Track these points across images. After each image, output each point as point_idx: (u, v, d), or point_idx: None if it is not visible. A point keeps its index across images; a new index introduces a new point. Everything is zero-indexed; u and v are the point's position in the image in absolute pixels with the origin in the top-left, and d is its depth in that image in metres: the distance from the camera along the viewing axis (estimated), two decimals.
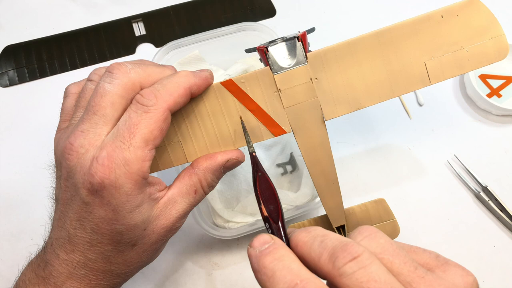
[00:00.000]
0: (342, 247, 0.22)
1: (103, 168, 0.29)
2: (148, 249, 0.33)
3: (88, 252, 0.31)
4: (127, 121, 0.30)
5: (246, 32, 0.50)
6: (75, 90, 0.36)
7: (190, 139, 0.35)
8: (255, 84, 0.35)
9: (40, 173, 0.43)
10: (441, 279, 0.22)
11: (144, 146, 0.30)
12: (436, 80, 0.36)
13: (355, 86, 0.35)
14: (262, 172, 0.30)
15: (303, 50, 0.35)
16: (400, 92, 0.36)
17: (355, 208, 0.39)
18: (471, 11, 0.35)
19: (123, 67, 0.31)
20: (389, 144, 0.52)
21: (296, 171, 0.49)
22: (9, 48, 0.56)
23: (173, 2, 0.60)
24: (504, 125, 0.53)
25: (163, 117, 0.30)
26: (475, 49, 0.35)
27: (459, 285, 0.22)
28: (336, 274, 0.21)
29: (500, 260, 0.46)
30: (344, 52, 0.35)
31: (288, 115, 0.35)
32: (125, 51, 0.57)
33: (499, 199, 0.47)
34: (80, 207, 0.30)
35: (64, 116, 0.35)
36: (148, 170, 0.30)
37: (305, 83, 0.35)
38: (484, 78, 0.54)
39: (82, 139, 0.30)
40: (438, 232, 0.47)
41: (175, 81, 0.32)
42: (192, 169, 0.34)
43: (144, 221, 0.31)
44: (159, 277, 0.45)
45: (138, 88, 0.31)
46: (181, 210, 0.33)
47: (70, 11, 0.59)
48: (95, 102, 0.30)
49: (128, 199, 0.30)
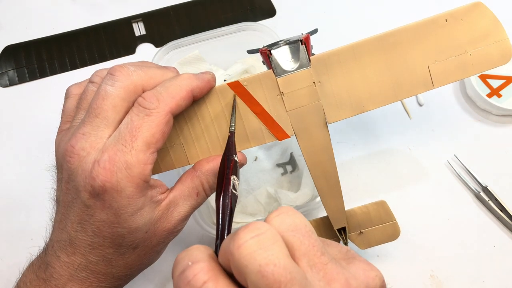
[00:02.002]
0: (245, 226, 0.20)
1: (104, 172, 0.29)
2: (150, 252, 0.33)
3: (89, 255, 0.31)
4: (128, 124, 0.30)
5: (246, 32, 0.50)
6: (76, 92, 0.36)
7: (192, 141, 0.35)
8: (257, 87, 0.35)
9: (40, 173, 0.43)
10: (343, 269, 0.22)
11: (146, 149, 0.29)
12: (439, 84, 0.36)
13: (358, 89, 0.35)
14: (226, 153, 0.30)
15: (306, 54, 0.35)
16: (403, 96, 0.36)
17: (356, 209, 0.39)
18: (475, 15, 0.35)
19: (125, 70, 0.31)
20: (389, 144, 0.52)
21: (296, 171, 0.49)
22: (9, 48, 0.56)
23: (173, 2, 0.60)
24: (504, 125, 0.53)
25: (165, 120, 0.30)
26: (479, 53, 0.35)
27: (359, 278, 0.22)
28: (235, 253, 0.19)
29: (500, 260, 0.46)
30: (348, 55, 0.35)
31: (290, 118, 0.35)
32: (125, 51, 0.57)
33: (499, 199, 0.47)
34: (82, 210, 0.30)
35: (65, 117, 0.35)
36: (149, 173, 0.30)
37: (308, 86, 0.35)
38: (484, 78, 0.54)
39: (84, 142, 0.30)
40: (438, 232, 0.47)
41: (177, 83, 0.31)
42: (194, 172, 0.34)
43: (146, 224, 0.31)
44: (159, 277, 0.45)
45: (140, 91, 0.31)
46: (183, 213, 0.33)
47: (70, 11, 0.59)
48: (96, 104, 0.30)
49: (130, 203, 0.30)
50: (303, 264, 0.21)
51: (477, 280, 0.45)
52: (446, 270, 0.45)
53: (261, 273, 0.19)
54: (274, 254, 0.19)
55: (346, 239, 0.39)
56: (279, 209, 0.22)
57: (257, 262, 0.19)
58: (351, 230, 0.39)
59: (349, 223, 0.39)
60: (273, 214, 0.22)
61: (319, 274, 0.21)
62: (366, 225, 0.39)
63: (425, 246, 0.46)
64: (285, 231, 0.21)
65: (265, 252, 0.19)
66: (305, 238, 0.21)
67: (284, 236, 0.21)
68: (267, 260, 0.19)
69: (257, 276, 0.19)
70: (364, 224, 0.39)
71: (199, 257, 0.21)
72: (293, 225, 0.21)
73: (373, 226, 0.39)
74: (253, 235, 0.20)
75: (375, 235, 0.40)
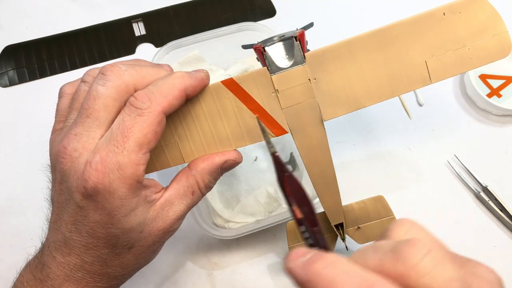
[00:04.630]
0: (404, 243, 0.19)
1: (96, 173, 0.28)
2: (145, 251, 0.33)
3: (85, 255, 0.31)
4: (120, 124, 0.29)
5: (246, 32, 0.50)
6: (69, 91, 0.36)
7: (187, 139, 0.35)
8: (252, 85, 0.34)
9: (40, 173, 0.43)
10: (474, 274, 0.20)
11: (138, 150, 0.29)
12: (437, 79, 0.35)
13: (354, 86, 0.35)
14: (289, 172, 0.28)
15: (301, 50, 0.34)
16: (400, 92, 0.35)
17: (353, 205, 0.39)
18: (474, 8, 0.34)
19: (116, 69, 0.30)
20: (389, 144, 0.52)
21: (296, 171, 0.49)
22: (9, 48, 0.56)
23: (173, 2, 0.60)
24: (504, 125, 0.53)
25: (157, 120, 0.30)
26: (477, 47, 0.35)
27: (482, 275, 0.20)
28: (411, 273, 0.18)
29: (500, 260, 0.46)
30: (343, 51, 0.34)
31: (286, 116, 0.35)
32: (125, 51, 0.57)
33: (499, 199, 0.47)
34: (75, 211, 0.30)
35: (59, 117, 0.35)
36: (142, 173, 0.30)
37: (303, 83, 0.34)
38: (484, 78, 0.54)
39: (76, 143, 0.29)
40: (438, 232, 0.46)
41: (169, 82, 0.31)
42: (189, 170, 0.34)
43: (140, 224, 0.31)
44: (159, 277, 0.45)
45: (132, 90, 0.31)
46: (178, 212, 0.33)
47: (70, 11, 0.59)
48: (88, 105, 0.30)
49: (123, 203, 0.29)
50: None
51: None
52: None
53: None
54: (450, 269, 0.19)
55: (344, 235, 0.39)
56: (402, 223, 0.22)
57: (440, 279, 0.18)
58: (349, 225, 0.39)
59: (347, 219, 0.39)
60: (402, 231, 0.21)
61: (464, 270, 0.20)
62: (364, 220, 0.39)
63: None
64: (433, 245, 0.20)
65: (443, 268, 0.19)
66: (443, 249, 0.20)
67: None
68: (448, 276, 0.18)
69: None
70: (361, 219, 0.39)
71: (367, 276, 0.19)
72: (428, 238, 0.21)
73: (370, 221, 0.39)
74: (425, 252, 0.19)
75: (372, 230, 0.39)
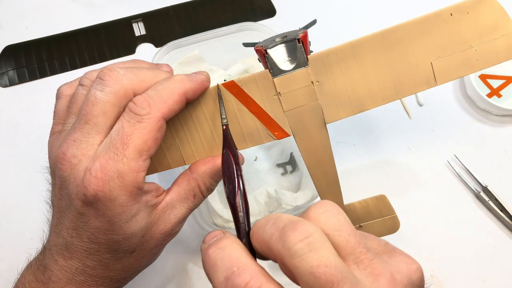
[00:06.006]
0: (292, 226, 0.21)
1: (96, 181, 0.28)
2: (147, 254, 0.33)
3: (86, 260, 0.31)
4: (120, 131, 0.29)
5: (246, 32, 0.50)
6: (67, 92, 0.35)
7: (188, 142, 0.34)
8: (254, 87, 0.34)
9: (40, 173, 0.43)
10: (387, 264, 0.23)
11: (138, 157, 0.29)
12: (442, 81, 0.34)
13: (358, 88, 0.34)
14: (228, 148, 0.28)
15: (304, 53, 0.33)
16: (404, 94, 0.35)
17: (355, 204, 0.39)
18: (482, 8, 0.33)
19: (114, 74, 0.30)
20: (389, 144, 0.52)
21: (296, 171, 0.49)
22: (9, 48, 0.56)
23: (173, 2, 0.60)
24: (504, 125, 0.53)
25: (157, 126, 0.29)
26: (484, 48, 0.34)
27: (402, 271, 0.23)
28: (286, 254, 0.21)
29: (500, 260, 0.46)
30: (347, 54, 0.34)
31: (288, 119, 0.35)
32: (125, 51, 0.57)
33: (499, 199, 0.47)
34: (76, 217, 0.30)
35: (57, 119, 0.34)
36: (143, 180, 0.30)
37: (306, 86, 0.34)
38: (484, 78, 0.54)
39: (75, 149, 0.29)
40: (438, 232, 0.47)
41: (169, 87, 0.30)
42: (190, 174, 0.33)
43: (142, 229, 0.31)
44: (159, 277, 0.45)
45: (131, 95, 0.30)
46: (180, 215, 0.33)
47: (70, 11, 0.59)
48: (86, 111, 0.29)
49: (124, 210, 0.29)
50: (350, 262, 0.22)
51: (477, 280, 0.45)
52: (446, 270, 0.45)
53: (313, 274, 0.20)
54: (325, 256, 0.20)
55: None
56: (323, 205, 0.23)
57: (309, 264, 0.20)
58: None
59: (348, 217, 0.39)
60: (318, 210, 0.23)
61: (366, 271, 0.22)
62: (366, 219, 0.39)
63: (425, 246, 0.46)
64: (331, 230, 0.22)
65: (315, 254, 0.20)
66: (350, 237, 0.22)
67: (330, 236, 0.22)
68: (318, 261, 0.20)
69: (310, 277, 0.20)
70: (363, 218, 0.39)
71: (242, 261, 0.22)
72: (338, 224, 0.23)
73: (372, 220, 0.39)
74: (302, 237, 0.21)
75: (374, 229, 0.39)
